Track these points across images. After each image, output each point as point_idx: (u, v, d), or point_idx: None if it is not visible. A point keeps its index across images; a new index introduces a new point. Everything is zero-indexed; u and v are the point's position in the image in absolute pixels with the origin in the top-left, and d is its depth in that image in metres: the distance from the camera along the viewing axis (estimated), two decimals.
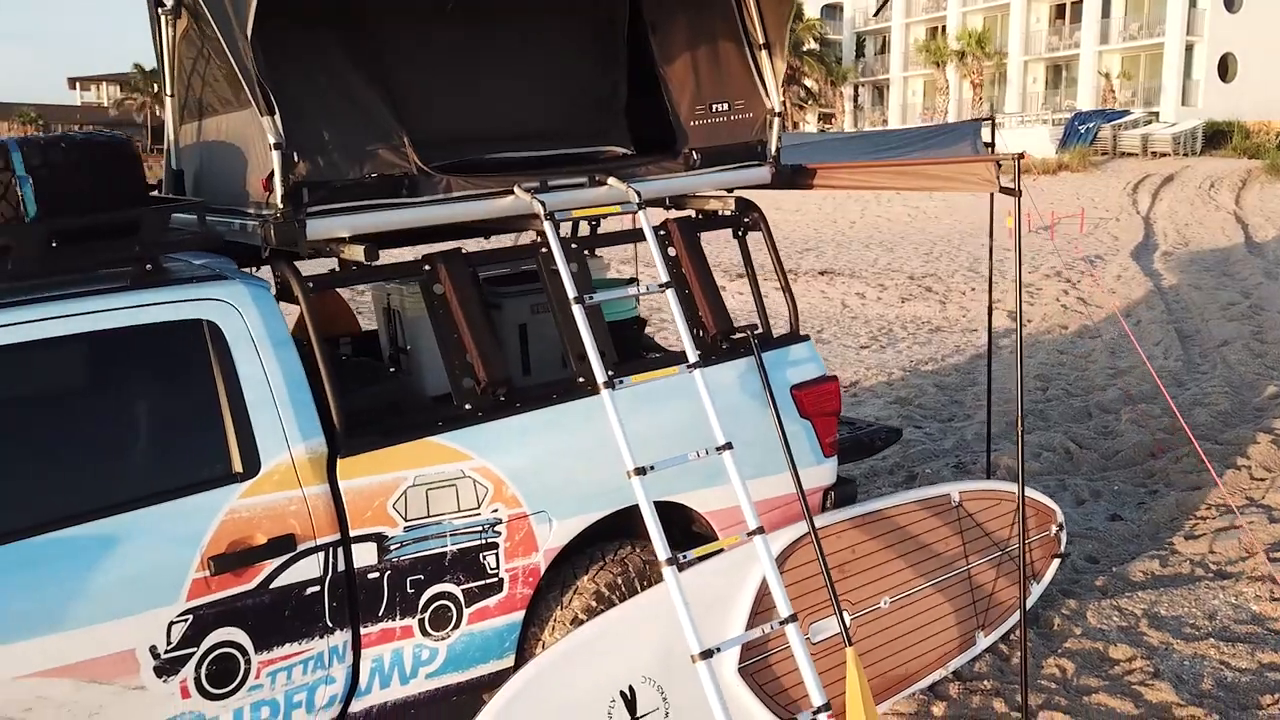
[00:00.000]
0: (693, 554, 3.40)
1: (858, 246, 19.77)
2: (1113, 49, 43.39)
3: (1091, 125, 32.31)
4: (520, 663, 3.59)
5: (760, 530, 3.51)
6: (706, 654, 3.29)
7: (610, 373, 3.46)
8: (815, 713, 3.43)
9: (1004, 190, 3.80)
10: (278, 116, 3.15)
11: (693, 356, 3.63)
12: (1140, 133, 32.72)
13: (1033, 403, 8.57)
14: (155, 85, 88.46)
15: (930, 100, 51.39)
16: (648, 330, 5.19)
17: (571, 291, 3.50)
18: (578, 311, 3.49)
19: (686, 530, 3.98)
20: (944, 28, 50.38)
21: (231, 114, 3.59)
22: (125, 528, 2.86)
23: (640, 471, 3.35)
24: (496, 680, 3.57)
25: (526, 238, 4.22)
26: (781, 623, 3.49)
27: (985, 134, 4.73)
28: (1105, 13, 43.40)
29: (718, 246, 12.38)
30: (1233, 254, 17.23)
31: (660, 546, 3.32)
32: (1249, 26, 40.99)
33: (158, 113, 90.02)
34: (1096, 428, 7.79)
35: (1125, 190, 26.88)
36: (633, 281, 4.38)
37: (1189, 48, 41.06)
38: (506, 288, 4.14)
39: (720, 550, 3.58)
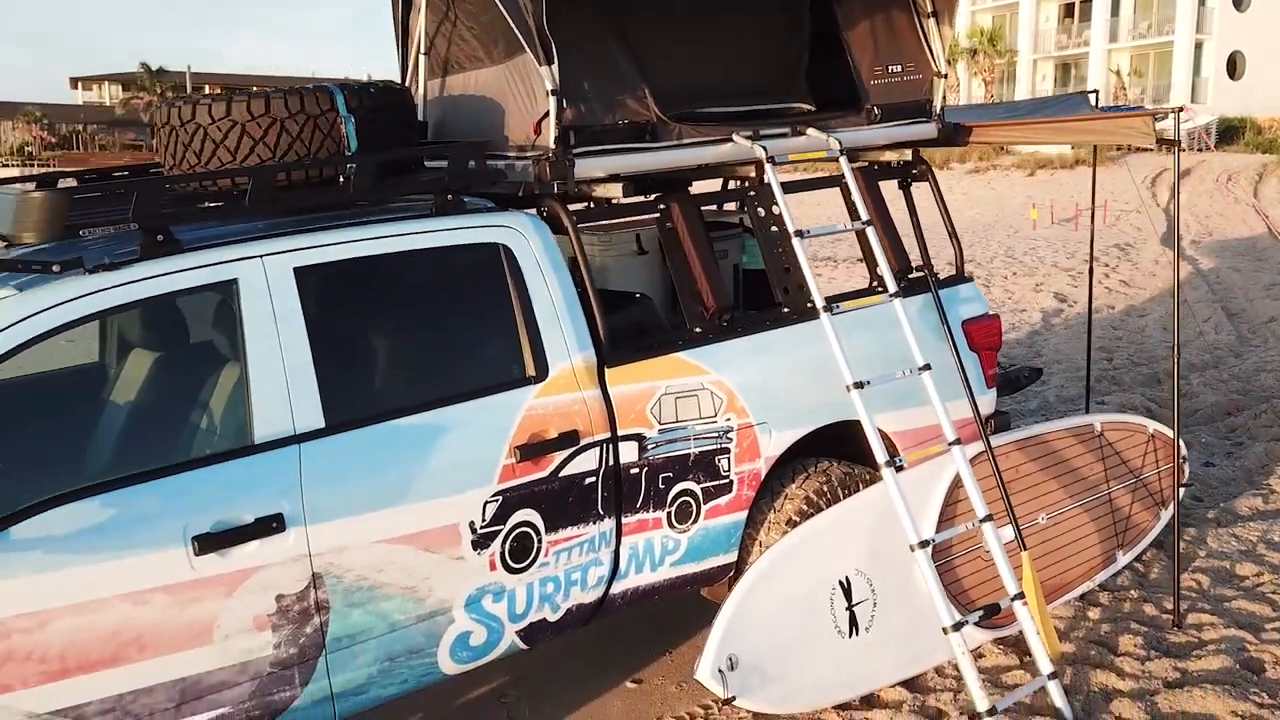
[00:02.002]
0: (908, 458, 3.84)
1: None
2: (1122, 47, 43.90)
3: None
4: (741, 559, 4.03)
5: (958, 441, 3.96)
6: (924, 544, 3.74)
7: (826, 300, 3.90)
8: (1012, 599, 3.87)
9: (1161, 142, 4.24)
10: (555, 66, 3.58)
11: (892, 287, 4.07)
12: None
13: (1102, 370, 9.00)
14: (160, 85, 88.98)
15: None
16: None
17: (791, 226, 3.94)
18: (798, 244, 3.93)
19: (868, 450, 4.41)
20: None
21: (483, 70, 4.02)
22: (451, 418, 3.29)
23: (858, 385, 3.80)
24: (720, 574, 4.02)
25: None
26: (980, 521, 3.93)
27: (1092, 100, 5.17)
28: (1114, 11, 43.90)
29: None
30: (1259, 242, 17.71)
31: (879, 450, 3.76)
32: (1257, 25, 41.53)
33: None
34: (1170, 390, 8.22)
35: (1144, 184, 27.33)
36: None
37: (1198, 46, 41.58)
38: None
39: (929, 456, 4.01)
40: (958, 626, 3.70)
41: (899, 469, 3.76)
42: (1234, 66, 42.17)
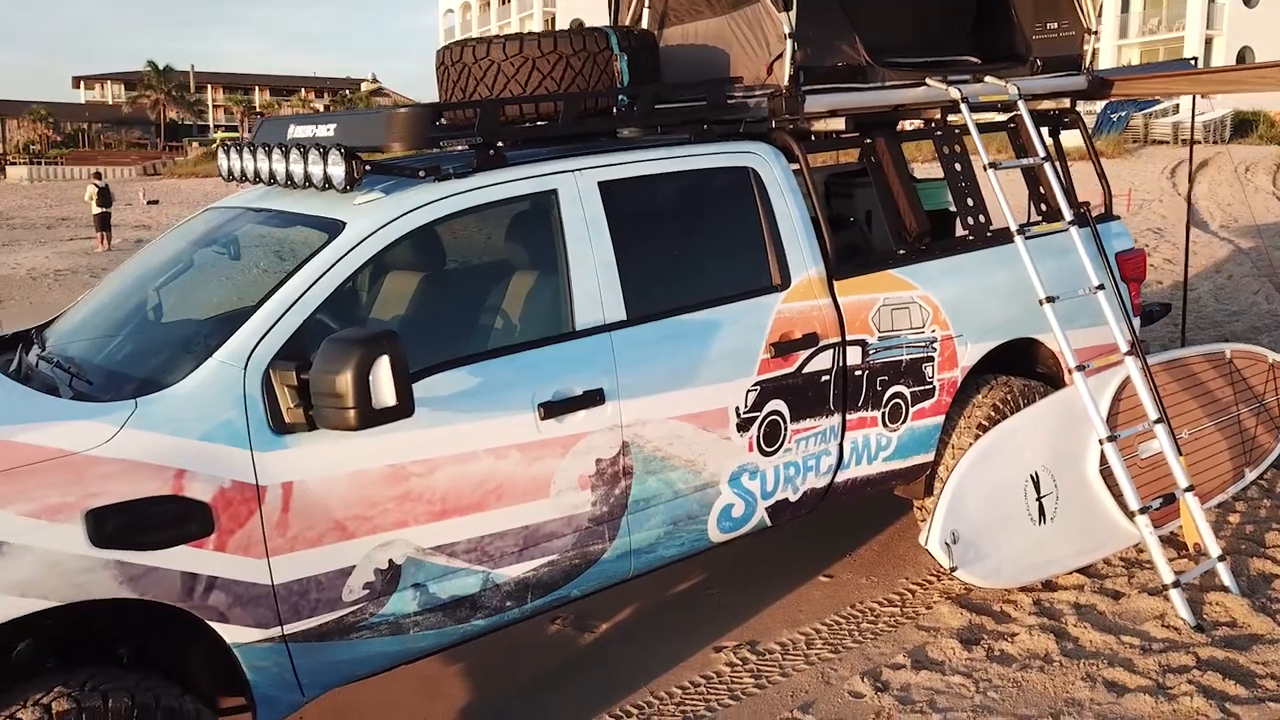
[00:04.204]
0: (1095, 363, 4.32)
1: None
2: (1131, 43, 44.47)
3: (1123, 114, 33.35)
4: (937, 459, 4.50)
5: (1133, 350, 4.44)
6: (1111, 438, 4.23)
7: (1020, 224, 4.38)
8: (1184, 490, 4.35)
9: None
10: (793, 12, 4.06)
11: (1069, 215, 4.55)
12: (1171, 120, 33.79)
13: (1171, 335, 9.50)
14: (167, 83, 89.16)
15: None
16: None
17: (985, 159, 4.42)
18: (991, 175, 4.41)
19: (1032, 365, 4.88)
20: None
21: (703, 21, 4.50)
22: (721, 317, 3.77)
23: (1050, 300, 4.28)
24: (919, 472, 4.50)
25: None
26: (1154, 422, 4.41)
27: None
28: (1125, 8, 44.48)
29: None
30: None
31: (1070, 357, 4.25)
32: (1267, 20, 42.09)
33: (166, 111, 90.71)
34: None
35: (1163, 174, 27.85)
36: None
37: (1208, 41, 42.14)
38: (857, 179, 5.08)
39: (1109, 364, 4.49)
40: (1143, 510, 4.18)
41: (1088, 373, 4.24)
42: (1243, 62, 42.75)
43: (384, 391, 2.75)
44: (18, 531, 2.51)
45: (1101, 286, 4.45)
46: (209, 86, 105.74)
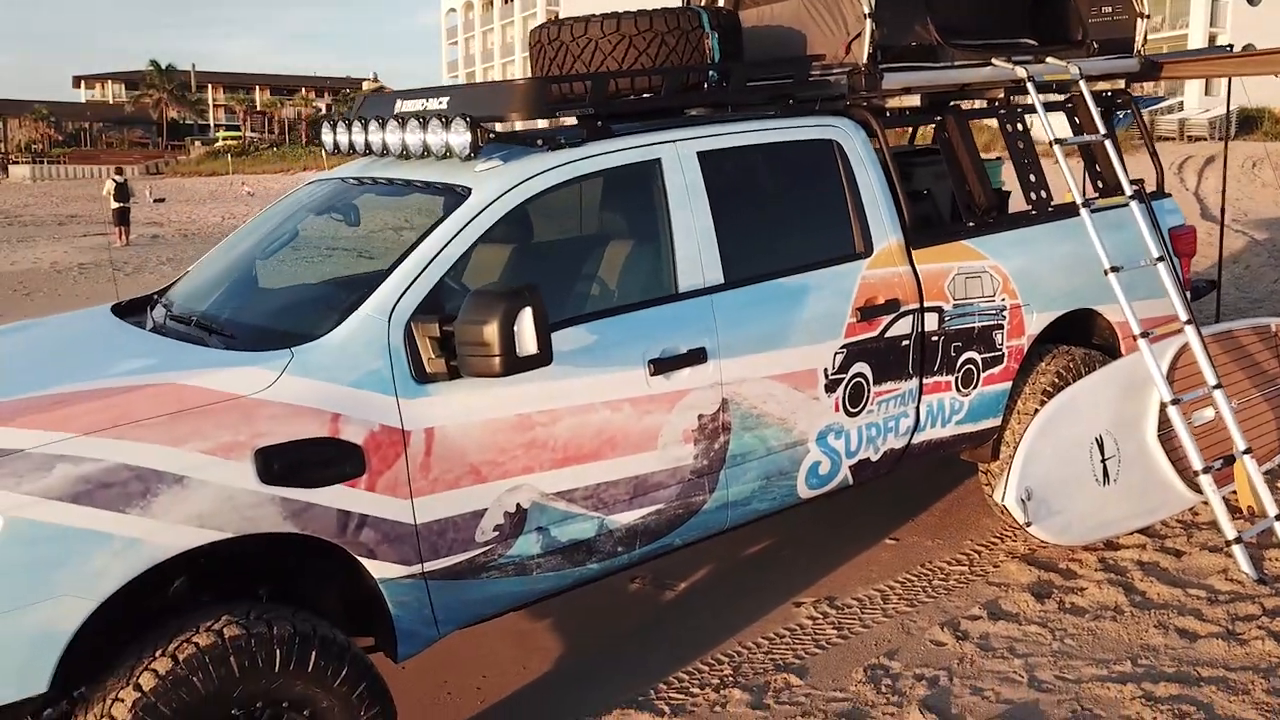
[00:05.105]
0: (1159, 330, 4.50)
1: None
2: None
3: (1128, 110, 33.58)
4: (1004, 424, 4.69)
5: (1191, 320, 4.62)
6: (1175, 401, 4.41)
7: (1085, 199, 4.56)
8: (1242, 453, 4.53)
9: None
10: None
11: (1129, 190, 4.73)
12: (1177, 117, 34.02)
13: (1205, 316, 9.68)
14: (169, 83, 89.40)
15: None
16: None
17: (1051, 135, 4.61)
18: (1058, 150, 4.60)
19: (1088, 336, 5.06)
20: None
21: (778, 4, 4.68)
22: (811, 281, 3.95)
23: (1114, 270, 4.47)
24: (986, 436, 4.68)
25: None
26: (1213, 388, 4.60)
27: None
28: None
29: None
30: None
31: (1134, 323, 4.43)
32: (1270, 18, 42.30)
33: (167, 111, 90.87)
34: None
35: (1170, 170, 28.05)
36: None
37: (1212, 39, 42.35)
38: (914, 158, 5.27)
39: (1170, 333, 4.67)
40: (1206, 470, 4.37)
41: (1153, 340, 4.43)
42: None
43: (527, 340, 2.93)
44: (197, 467, 2.69)
45: (1162, 258, 4.64)
46: (209, 86, 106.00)
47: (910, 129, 5.91)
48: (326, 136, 3.98)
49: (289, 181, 47.14)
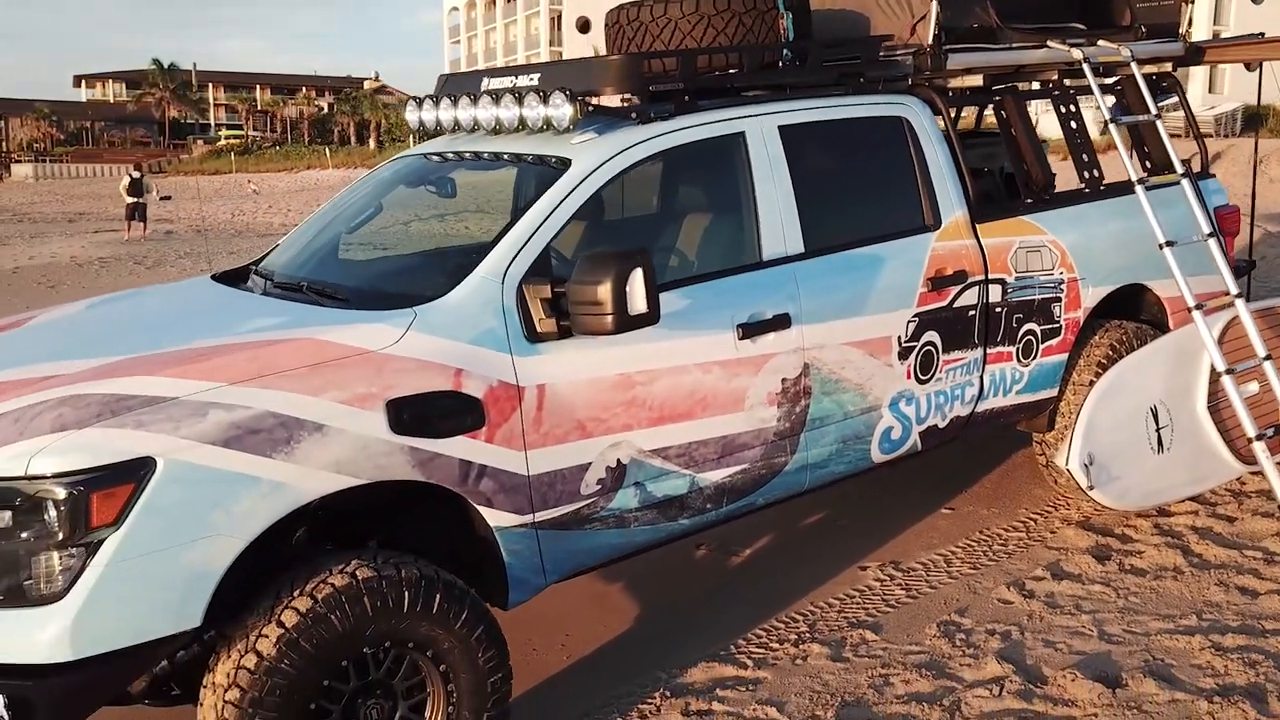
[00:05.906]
0: (1210, 304, 4.65)
1: None
2: None
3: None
4: (1060, 395, 4.83)
5: (1241, 295, 4.77)
6: (1229, 371, 4.56)
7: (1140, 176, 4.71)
8: None
9: None
10: None
11: (1180, 169, 4.88)
12: (1182, 114, 34.20)
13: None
14: (171, 82, 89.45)
15: None
16: None
17: (1108, 114, 4.76)
18: (1114, 129, 4.75)
19: (1138, 311, 5.20)
20: None
21: None
22: (886, 252, 4.10)
23: (1169, 244, 4.62)
24: (1044, 406, 4.83)
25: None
26: (1263, 359, 4.74)
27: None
28: None
29: None
30: None
31: (1188, 295, 4.58)
32: (1274, 16, 42.44)
33: (169, 110, 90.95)
34: None
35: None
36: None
37: (1215, 37, 42.51)
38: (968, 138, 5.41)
39: (1221, 305, 4.81)
40: (1259, 436, 4.52)
41: (1206, 312, 4.57)
42: None
43: (638, 299, 3.08)
44: (335, 415, 2.83)
45: (1212, 234, 4.79)
46: (211, 85, 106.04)
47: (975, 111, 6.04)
48: (412, 115, 4.12)
49: (293, 180, 47.30)
